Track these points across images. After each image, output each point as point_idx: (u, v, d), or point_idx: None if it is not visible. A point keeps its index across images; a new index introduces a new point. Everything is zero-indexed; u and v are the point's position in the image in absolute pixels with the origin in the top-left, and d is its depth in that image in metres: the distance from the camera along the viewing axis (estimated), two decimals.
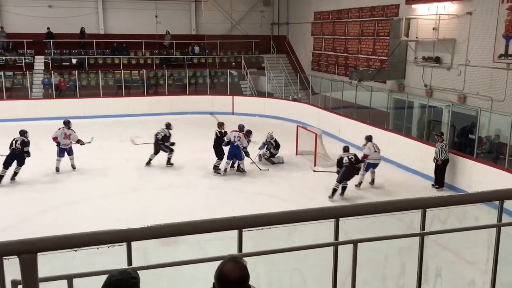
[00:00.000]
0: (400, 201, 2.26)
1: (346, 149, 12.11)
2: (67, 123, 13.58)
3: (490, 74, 13.29)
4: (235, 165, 13.35)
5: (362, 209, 2.24)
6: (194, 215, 2.53)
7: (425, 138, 13.85)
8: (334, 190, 11.40)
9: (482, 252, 7.63)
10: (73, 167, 13.51)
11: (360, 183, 12.17)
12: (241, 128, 13.51)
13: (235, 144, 12.95)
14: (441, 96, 15.10)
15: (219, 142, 13.29)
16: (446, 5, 14.69)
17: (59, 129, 13.46)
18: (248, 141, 13.37)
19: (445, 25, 14.77)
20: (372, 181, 12.42)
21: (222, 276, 2.04)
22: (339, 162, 11.70)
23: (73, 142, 13.53)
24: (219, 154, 13.25)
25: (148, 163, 13.71)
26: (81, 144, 13.69)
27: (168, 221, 1.92)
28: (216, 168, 13.21)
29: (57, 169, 13.29)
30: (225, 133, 13.47)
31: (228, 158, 13.16)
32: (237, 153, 13.05)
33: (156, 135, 13.73)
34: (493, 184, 10.50)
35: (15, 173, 12.28)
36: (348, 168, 11.42)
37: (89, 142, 14.23)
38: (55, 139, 13.26)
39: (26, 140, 12.35)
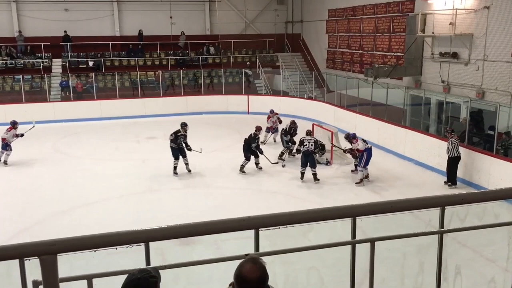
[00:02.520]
0: (417, 199, 2.23)
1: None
2: (14, 124, 14.23)
3: (509, 69, 13.06)
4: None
5: (379, 207, 2.22)
6: (210, 215, 2.54)
7: (443, 135, 13.68)
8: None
9: (502, 249, 7.53)
10: (5, 163, 14.03)
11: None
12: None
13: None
14: (458, 92, 14.89)
15: (247, 143, 13.24)
16: None
17: (9, 131, 14.06)
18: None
19: (462, 20, 14.56)
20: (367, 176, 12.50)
21: (240, 277, 2.01)
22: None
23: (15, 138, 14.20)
24: (247, 155, 13.24)
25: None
26: (21, 136, 14.21)
27: (185, 222, 1.93)
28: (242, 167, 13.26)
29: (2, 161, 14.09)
30: (256, 136, 13.35)
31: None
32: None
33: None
34: None
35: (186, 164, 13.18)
36: None
37: (33, 126, 14.68)
38: (4, 140, 13.98)
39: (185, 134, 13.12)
